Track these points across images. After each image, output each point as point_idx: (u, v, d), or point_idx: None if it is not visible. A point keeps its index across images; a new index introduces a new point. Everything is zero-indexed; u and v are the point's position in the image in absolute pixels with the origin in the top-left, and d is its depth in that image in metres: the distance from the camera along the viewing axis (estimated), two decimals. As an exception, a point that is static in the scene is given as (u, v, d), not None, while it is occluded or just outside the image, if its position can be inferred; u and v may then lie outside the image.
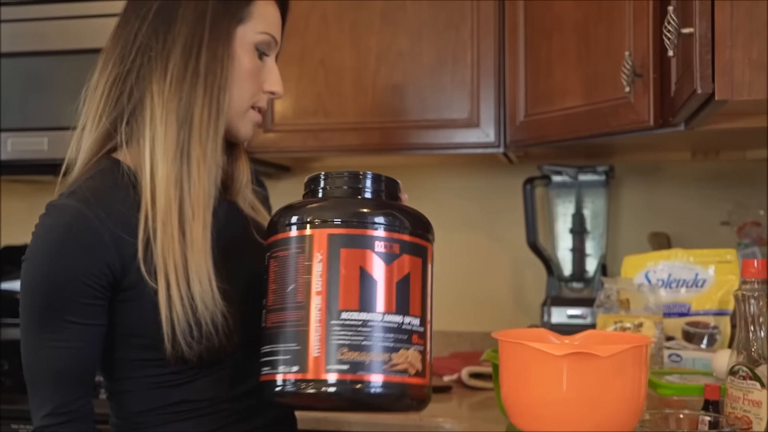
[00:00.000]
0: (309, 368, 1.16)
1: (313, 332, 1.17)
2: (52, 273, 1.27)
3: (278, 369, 1.18)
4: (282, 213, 1.24)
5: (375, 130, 2.25)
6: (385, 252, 1.20)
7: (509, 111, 2.19)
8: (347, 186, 1.24)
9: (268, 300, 1.22)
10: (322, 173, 1.27)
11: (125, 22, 1.35)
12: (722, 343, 1.83)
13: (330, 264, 1.18)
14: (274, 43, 1.39)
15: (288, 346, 1.18)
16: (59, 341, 1.28)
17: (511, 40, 2.19)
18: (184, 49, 1.29)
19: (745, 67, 1.35)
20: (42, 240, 1.28)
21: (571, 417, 1.18)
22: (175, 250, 1.25)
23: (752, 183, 2.35)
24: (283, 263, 1.21)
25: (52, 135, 2.39)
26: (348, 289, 1.17)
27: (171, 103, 1.28)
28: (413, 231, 1.23)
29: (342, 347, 1.16)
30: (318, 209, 1.21)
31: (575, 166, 2.38)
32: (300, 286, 1.19)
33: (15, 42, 2.41)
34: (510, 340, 1.26)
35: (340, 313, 1.17)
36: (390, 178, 1.28)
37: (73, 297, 1.26)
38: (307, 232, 1.19)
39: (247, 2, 1.35)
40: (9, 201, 2.91)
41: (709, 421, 1.29)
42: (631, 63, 1.77)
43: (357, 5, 2.24)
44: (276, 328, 1.20)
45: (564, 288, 2.39)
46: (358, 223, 1.19)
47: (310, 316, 1.17)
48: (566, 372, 1.17)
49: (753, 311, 1.33)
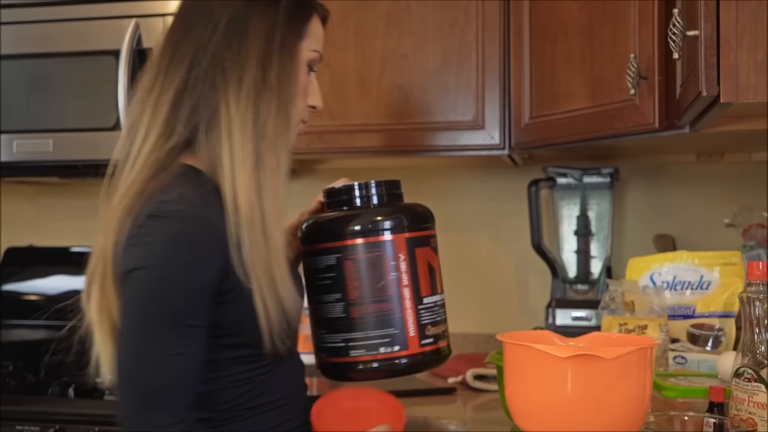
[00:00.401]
0: (409, 346, 1.45)
1: (408, 317, 1.45)
2: (178, 278, 1.27)
3: (378, 350, 1.45)
4: (347, 220, 1.46)
5: (380, 132, 2.25)
6: (434, 246, 1.51)
7: (514, 113, 2.19)
8: (387, 193, 1.51)
9: (349, 295, 1.45)
10: (355, 184, 1.50)
11: (189, 29, 1.37)
12: (727, 345, 1.83)
13: (410, 261, 1.46)
14: (320, 60, 1.47)
15: (386, 330, 1.45)
16: (186, 347, 1.28)
17: (515, 43, 2.19)
18: (258, 62, 1.34)
19: (751, 70, 1.35)
20: (163, 246, 1.27)
21: (576, 419, 1.18)
22: (261, 255, 1.31)
23: (757, 185, 2.35)
24: (366, 264, 1.44)
25: (57, 137, 2.39)
26: (424, 280, 1.48)
27: (248, 114, 1.33)
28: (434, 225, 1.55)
29: (427, 325, 1.47)
30: (391, 217, 1.46)
31: (580, 168, 2.38)
32: (389, 282, 1.45)
33: (19, 44, 2.42)
34: (514, 342, 1.26)
35: (423, 300, 1.47)
36: (395, 180, 1.54)
37: (199, 301, 1.28)
38: (387, 238, 1.45)
39: (306, 21, 1.42)
40: (13, 203, 2.91)
41: (714, 423, 1.29)
42: (636, 65, 1.77)
43: (362, 7, 2.24)
44: (368, 317, 1.45)
45: (569, 290, 2.39)
46: (424, 226, 1.50)
47: (404, 305, 1.45)
48: (571, 374, 1.17)
49: (758, 313, 1.33)
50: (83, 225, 2.85)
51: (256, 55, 1.35)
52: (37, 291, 2.72)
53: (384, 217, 1.46)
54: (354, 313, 1.45)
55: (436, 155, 2.29)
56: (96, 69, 2.36)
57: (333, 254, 1.45)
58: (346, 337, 1.45)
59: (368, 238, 1.45)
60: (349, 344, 1.45)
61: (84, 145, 2.37)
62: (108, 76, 2.34)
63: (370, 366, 1.45)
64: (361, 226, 1.45)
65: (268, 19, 1.36)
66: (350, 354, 1.45)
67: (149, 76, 1.39)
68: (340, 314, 1.45)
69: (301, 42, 1.40)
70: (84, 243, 2.81)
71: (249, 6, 1.37)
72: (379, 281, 1.45)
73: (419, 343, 1.46)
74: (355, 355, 1.45)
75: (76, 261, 2.75)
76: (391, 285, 1.45)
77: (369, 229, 1.45)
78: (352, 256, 1.44)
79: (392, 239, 1.45)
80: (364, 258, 1.44)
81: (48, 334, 2.56)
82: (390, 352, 1.45)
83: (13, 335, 2.58)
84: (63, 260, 2.75)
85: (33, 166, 2.43)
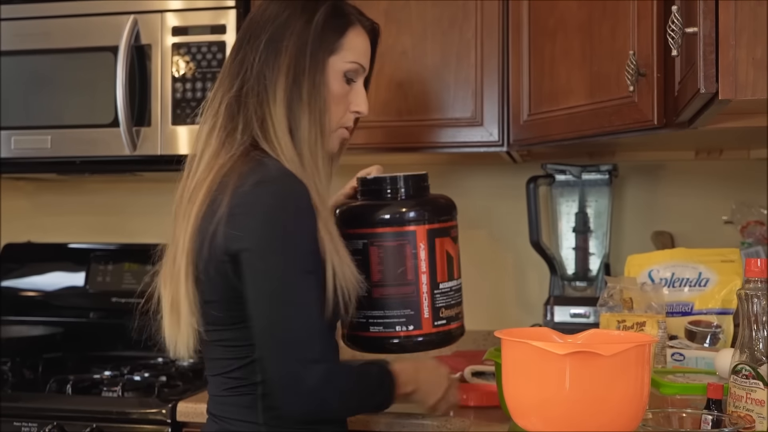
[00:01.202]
0: (423, 326, 1.64)
1: (424, 300, 1.64)
2: (295, 231, 1.45)
3: (394, 328, 1.63)
4: (376, 210, 1.64)
5: (378, 129, 2.25)
6: (454, 236, 1.69)
7: (513, 110, 2.19)
8: (414, 186, 1.67)
9: (373, 277, 1.62)
10: (387, 177, 1.68)
11: (239, 49, 1.58)
12: (725, 342, 1.83)
13: (430, 251, 1.63)
14: (362, 70, 1.63)
15: (403, 311, 1.63)
16: (313, 294, 1.46)
17: (514, 40, 2.18)
18: (289, 78, 1.52)
19: (749, 67, 1.34)
20: (275, 207, 1.45)
21: (574, 416, 1.18)
22: (325, 241, 1.48)
23: (756, 182, 2.35)
24: (389, 251, 1.62)
25: (55, 133, 2.39)
26: (442, 267, 1.65)
27: (284, 124, 1.52)
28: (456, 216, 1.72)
29: (441, 308, 1.66)
30: (414, 210, 1.64)
31: (579, 165, 2.38)
32: (409, 268, 1.62)
33: (18, 40, 2.42)
34: (513, 339, 1.26)
35: (439, 285, 1.65)
36: (423, 173, 1.72)
37: (314, 249, 1.46)
38: (410, 229, 1.63)
39: (340, 35, 1.58)
40: (11, 199, 2.91)
41: (712, 420, 1.29)
42: (635, 62, 1.77)
43: (361, 5, 2.23)
44: (388, 298, 1.63)
45: (567, 287, 2.39)
46: (445, 218, 1.67)
47: (421, 290, 1.63)
48: (569, 371, 1.17)
49: (756, 310, 1.33)
50: (81, 221, 2.86)
51: (287, 71, 1.52)
52: (36, 287, 2.72)
53: (408, 209, 1.64)
54: (375, 293, 1.63)
55: (434, 152, 2.29)
56: (94, 65, 2.37)
57: (361, 240, 1.63)
58: (367, 314, 1.64)
59: (393, 228, 1.63)
60: (370, 321, 1.65)
61: (82, 141, 2.37)
62: (106, 73, 2.34)
63: (387, 341, 1.64)
64: (388, 217, 1.63)
65: (301, 37, 1.54)
66: (370, 330, 1.65)
67: (213, 90, 1.60)
68: (363, 294, 1.58)
69: (332, 56, 1.56)
70: (82, 239, 2.81)
71: (286, 25, 1.54)
72: (399, 267, 1.62)
73: (432, 324, 1.64)
74: (374, 330, 1.64)
75: (74, 257, 2.78)
76: (411, 271, 1.62)
77: (394, 219, 1.63)
78: (378, 242, 1.62)
79: (414, 230, 1.63)
80: (389, 246, 1.62)
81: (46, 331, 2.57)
82: (405, 330, 1.64)
83: (12, 331, 2.58)
84: (61, 256, 2.75)
85: (31, 162, 2.43)
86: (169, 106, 2.31)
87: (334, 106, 1.58)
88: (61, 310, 2.69)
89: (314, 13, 1.55)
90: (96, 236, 2.81)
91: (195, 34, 2.31)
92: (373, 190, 1.69)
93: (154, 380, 2.20)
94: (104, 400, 2.13)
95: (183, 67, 2.31)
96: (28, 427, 2.05)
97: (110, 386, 2.18)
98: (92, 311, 2.67)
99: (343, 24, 1.59)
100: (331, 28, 1.57)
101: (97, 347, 2.60)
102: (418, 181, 1.68)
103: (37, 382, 2.28)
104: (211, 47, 2.29)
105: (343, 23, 1.59)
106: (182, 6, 2.33)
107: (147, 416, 2.02)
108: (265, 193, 1.45)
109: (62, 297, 2.70)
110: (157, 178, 2.70)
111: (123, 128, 2.30)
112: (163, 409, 2.01)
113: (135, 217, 2.83)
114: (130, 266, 2.66)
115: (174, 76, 2.31)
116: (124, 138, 2.31)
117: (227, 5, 2.30)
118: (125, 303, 2.60)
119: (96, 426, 2.02)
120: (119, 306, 2.62)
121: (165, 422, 2.00)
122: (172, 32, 2.32)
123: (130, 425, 2.02)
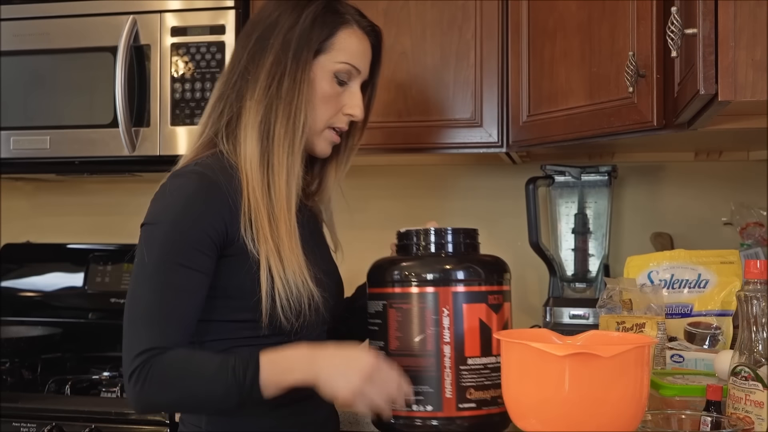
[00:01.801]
0: (443, 407, 1.40)
1: (446, 377, 1.40)
2: (180, 222, 1.44)
3: (411, 407, 1.41)
4: (394, 267, 1.46)
5: (378, 130, 2.24)
6: (494, 304, 1.44)
7: (512, 111, 2.19)
8: (453, 242, 1.48)
9: (390, 344, 1.44)
10: (416, 230, 1.50)
11: (235, 51, 1.61)
12: (724, 343, 1.83)
13: (455, 317, 1.41)
14: (356, 72, 1.60)
15: (420, 388, 1.41)
16: (183, 284, 1.43)
17: (514, 40, 2.18)
18: (268, 74, 1.52)
19: (749, 68, 1.34)
20: (172, 197, 1.47)
21: (573, 417, 1.18)
22: (269, 241, 1.45)
23: (755, 184, 2.34)
24: (408, 315, 1.42)
25: (54, 133, 2.39)
26: (471, 338, 1.41)
27: (256, 119, 1.51)
28: (509, 280, 1.50)
29: (469, 388, 1.41)
30: (436, 269, 1.43)
31: (578, 166, 2.37)
32: (429, 336, 1.41)
33: (17, 40, 2.41)
34: (512, 341, 1.26)
35: (466, 360, 1.41)
36: (470, 228, 1.52)
37: (200, 248, 1.44)
38: (430, 290, 1.42)
39: (328, 36, 1.56)
40: (10, 199, 2.91)
41: (711, 421, 1.29)
42: (635, 63, 1.77)
43: (360, 5, 2.23)
44: (405, 371, 1.41)
45: (566, 288, 2.39)
46: (476, 281, 1.43)
47: (443, 363, 1.40)
48: (568, 372, 1.17)
49: (755, 312, 1.33)
50: (80, 221, 2.85)
51: (269, 68, 1.52)
52: (34, 288, 2.72)
53: (429, 268, 1.44)
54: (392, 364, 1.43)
55: (433, 153, 2.28)
56: (93, 66, 2.36)
57: (380, 300, 1.47)
58: None
59: (408, 288, 1.43)
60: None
61: (81, 141, 2.37)
62: (105, 73, 2.34)
63: (401, 421, 1.43)
64: (405, 275, 1.44)
65: (287, 35, 1.53)
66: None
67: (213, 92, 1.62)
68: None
69: (321, 55, 1.55)
70: (81, 240, 2.81)
71: (275, 23, 1.55)
72: (418, 334, 1.42)
73: (456, 406, 1.40)
74: (391, 407, 1.42)
75: (73, 258, 2.78)
76: (431, 340, 1.41)
77: (413, 278, 1.43)
78: (396, 304, 1.44)
79: (435, 291, 1.42)
80: (407, 308, 1.43)
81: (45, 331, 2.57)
82: (422, 411, 1.41)
83: (10, 332, 2.58)
84: (60, 257, 2.75)
85: (30, 162, 2.43)
86: (168, 107, 2.31)
87: (321, 106, 1.56)
88: (59, 311, 2.69)
89: (303, 11, 1.55)
90: (95, 237, 2.81)
91: (194, 35, 2.31)
92: (403, 245, 1.53)
93: (153, 381, 2.20)
94: (103, 400, 2.13)
95: (182, 67, 2.31)
96: (27, 428, 2.05)
97: (109, 387, 2.19)
98: (91, 312, 2.67)
99: (334, 23, 1.57)
100: (320, 27, 1.55)
101: (96, 348, 2.59)
102: (457, 236, 1.49)
103: (35, 383, 2.28)
104: (210, 47, 2.29)
105: (335, 22, 1.57)
106: (181, 6, 2.33)
107: (145, 417, 2.02)
108: (172, 184, 1.48)
109: (61, 297, 2.70)
110: (156, 178, 2.66)
111: (122, 128, 2.30)
112: (161, 409, 2.01)
113: (134, 217, 2.79)
114: (128, 267, 2.66)
115: (173, 77, 2.31)
116: (123, 138, 2.31)
117: (226, 5, 2.30)
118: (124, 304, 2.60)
119: (95, 426, 2.02)
120: (118, 306, 2.59)
121: (163, 423, 2.01)
122: (171, 32, 2.32)
123: (129, 426, 2.02)
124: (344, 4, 1.62)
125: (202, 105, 2.28)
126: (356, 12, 1.63)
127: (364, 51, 1.62)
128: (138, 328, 1.41)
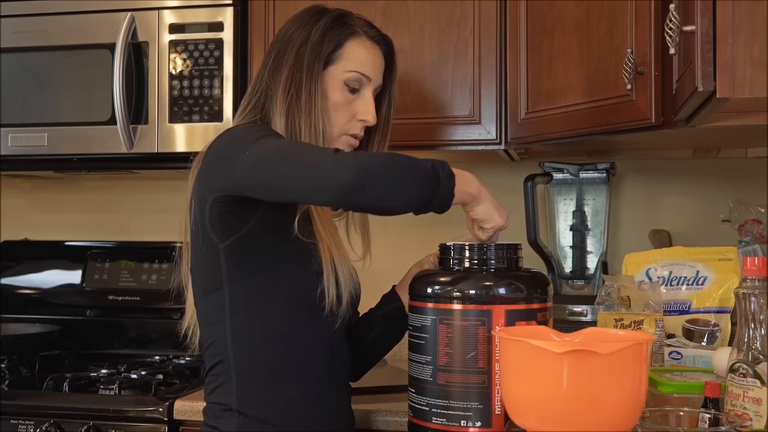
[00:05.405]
0: (492, 424, 1.43)
1: (496, 394, 1.43)
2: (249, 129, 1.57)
3: (459, 423, 1.44)
4: (449, 282, 1.47)
5: (376, 127, 2.25)
6: (542, 320, 1.47)
7: (511, 108, 2.19)
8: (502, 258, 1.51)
9: (439, 360, 1.46)
10: (467, 245, 1.52)
11: (258, 70, 1.70)
12: (723, 340, 1.83)
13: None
14: (366, 79, 1.67)
15: (470, 404, 1.44)
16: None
17: (512, 38, 2.18)
18: (285, 88, 1.61)
19: (747, 65, 1.34)
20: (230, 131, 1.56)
21: (572, 414, 1.18)
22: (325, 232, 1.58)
23: (753, 180, 2.35)
24: (460, 332, 1.44)
25: (52, 130, 2.39)
26: None
27: (283, 130, 1.59)
28: (552, 296, 1.53)
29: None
30: (491, 287, 1.46)
31: (576, 164, 2.37)
32: (481, 353, 1.43)
33: (16, 37, 2.41)
34: (510, 338, 1.26)
35: None
36: (514, 244, 1.54)
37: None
38: (484, 308, 1.43)
39: (336, 47, 1.65)
40: (9, 196, 2.91)
41: (709, 418, 1.29)
42: (633, 61, 1.77)
43: (358, 4, 2.22)
44: (454, 386, 1.44)
45: (565, 285, 2.39)
46: (526, 299, 1.46)
47: (493, 380, 1.42)
48: (567, 369, 1.17)
49: (753, 309, 1.33)
50: (78, 219, 2.85)
51: (285, 83, 1.61)
52: (32, 285, 2.72)
53: (481, 285, 1.46)
54: (441, 379, 1.46)
55: (432, 150, 2.28)
56: (91, 63, 2.36)
57: (429, 315, 1.48)
58: (430, 402, 1.47)
59: (466, 305, 1.45)
60: (433, 410, 1.47)
61: (79, 139, 2.37)
62: (103, 70, 2.34)
63: None
64: (462, 292, 1.45)
65: (299, 51, 1.63)
66: (432, 420, 1.47)
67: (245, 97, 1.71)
68: (428, 377, 1.47)
69: (331, 66, 1.64)
70: (79, 237, 2.81)
71: (289, 40, 1.65)
72: (470, 351, 1.44)
73: (505, 422, 1.43)
74: (436, 422, 1.46)
75: (71, 255, 2.78)
76: (483, 357, 1.43)
77: (469, 295, 1.45)
78: (447, 321, 1.45)
79: (491, 310, 1.44)
80: (459, 325, 1.44)
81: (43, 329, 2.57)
82: (471, 426, 1.44)
83: (8, 329, 2.58)
84: (58, 254, 2.75)
85: (28, 159, 2.43)
86: (166, 104, 2.31)
87: (335, 114, 1.64)
88: (57, 308, 2.69)
89: (313, 27, 1.64)
90: (93, 234, 2.81)
91: (192, 32, 2.31)
92: (450, 259, 1.54)
93: (151, 378, 2.20)
94: (101, 398, 2.13)
95: (180, 64, 2.31)
96: (25, 425, 2.05)
97: (107, 384, 2.19)
98: (89, 309, 2.67)
99: (342, 35, 1.66)
100: (328, 40, 1.64)
101: (94, 345, 2.60)
102: (505, 252, 1.52)
103: (34, 380, 2.28)
104: (208, 45, 2.29)
105: (343, 34, 1.66)
106: (179, 3, 2.33)
107: (144, 414, 2.02)
108: (224, 133, 1.57)
109: (59, 295, 2.70)
110: (154, 175, 2.70)
111: (120, 126, 2.30)
112: (160, 407, 2.01)
113: (132, 214, 2.82)
114: (126, 264, 2.66)
115: (171, 74, 2.31)
116: (121, 135, 2.31)
117: (224, 2, 2.29)
118: (122, 301, 2.60)
119: (93, 424, 2.02)
120: (116, 304, 2.62)
121: (162, 420, 2.00)
122: (169, 29, 2.32)
123: (127, 423, 2.02)
124: (353, 17, 1.70)
125: (200, 102, 2.28)
126: (365, 23, 1.70)
127: (373, 59, 1.69)
128: (312, 149, 1.49)
